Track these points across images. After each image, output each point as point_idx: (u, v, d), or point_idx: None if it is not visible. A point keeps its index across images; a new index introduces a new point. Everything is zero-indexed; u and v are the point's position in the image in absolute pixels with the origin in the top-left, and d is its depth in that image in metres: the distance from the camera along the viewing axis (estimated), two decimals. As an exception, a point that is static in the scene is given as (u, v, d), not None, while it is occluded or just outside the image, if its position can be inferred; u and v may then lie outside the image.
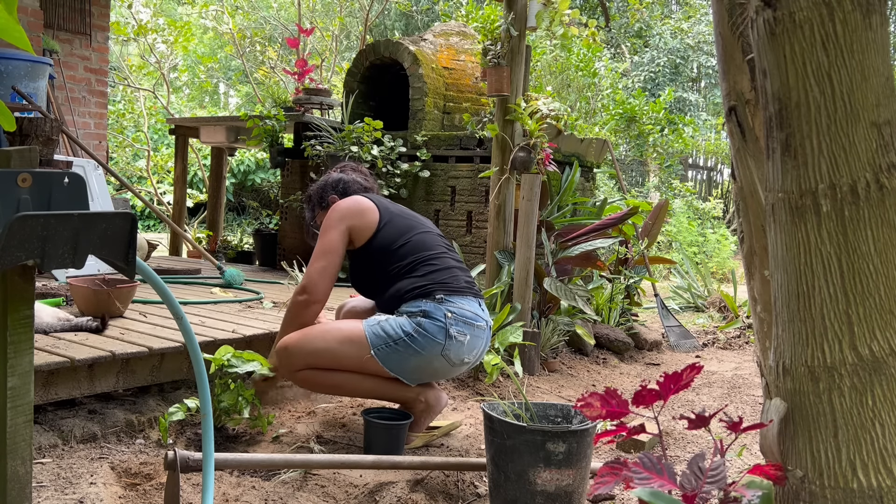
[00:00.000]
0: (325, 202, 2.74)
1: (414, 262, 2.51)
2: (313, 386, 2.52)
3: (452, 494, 2.13)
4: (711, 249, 9.53)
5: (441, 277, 2.49)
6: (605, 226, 4.25)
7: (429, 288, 2.45)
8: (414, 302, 2.44)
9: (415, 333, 2.37)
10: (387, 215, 2.58)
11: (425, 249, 2.55)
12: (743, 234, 1.50)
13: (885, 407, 1.17)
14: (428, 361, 2.40)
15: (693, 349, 4.83)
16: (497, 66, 3.88)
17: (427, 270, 2.50)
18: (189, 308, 3.45)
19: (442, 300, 2.43)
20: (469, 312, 2.46)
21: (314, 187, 2.80)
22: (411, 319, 2.40)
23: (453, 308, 2.43)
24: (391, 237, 2.54)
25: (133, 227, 1.19)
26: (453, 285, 2.49)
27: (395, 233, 2.55)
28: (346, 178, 2.77)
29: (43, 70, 4.64)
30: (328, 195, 2.74)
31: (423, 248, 2.55)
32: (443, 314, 2.40)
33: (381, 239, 2.54)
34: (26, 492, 1.20)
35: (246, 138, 6.10)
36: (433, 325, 2.39)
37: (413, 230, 2.59)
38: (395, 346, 2.38)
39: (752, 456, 2.59)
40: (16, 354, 1.17)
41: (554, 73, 8.81)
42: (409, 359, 2.39)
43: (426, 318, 2.39)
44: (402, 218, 2.62)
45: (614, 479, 1.27)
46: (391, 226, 2.56)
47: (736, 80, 1.46)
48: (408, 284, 2.48)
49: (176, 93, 15.06)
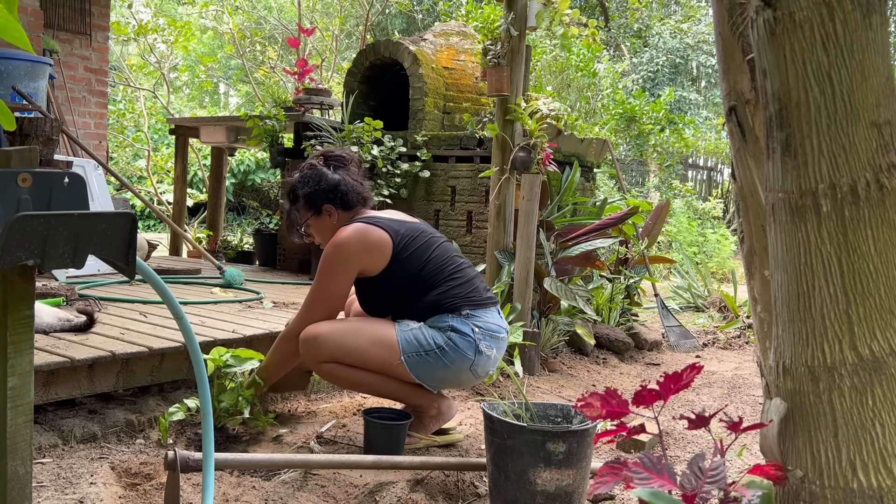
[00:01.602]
0: (317, 208, 2.49)
1: (434, 280, 2.43)
2: (336, 379, 2.49)
3: (452, 494, 2.13)
4: (711, 249, 9.53)
5: (464, 292, 2.44)
6: (605, 226, 4.25)
7: (454, 304, 2.41)
8: (440, 317, 2.40)
9: (446, 347, 2.35)
10: (398, 240, 2.41)
11: (444, 265, 2.46)
12: (743, 234, 1.50)
13: (885, 407, 1.17)
14: (455, 374, 2.40)
15: (693, 349, 4.83)
16: (497, 66, 3.88)
17: (450, 286, 2.43)
18: (189, 308, 3.45)
19: (468, 315, 2.41)
20: (494, 325, 2.45)
21: (302, 185, 2.49)
22: (442, 333, 2.37)
23: (479, 322, 2.41)
24: (409, 263, 2.41)
25: (133, 227, 1.19)
26: (476, 298, 2.45)
27: (412, 258, 2.42)
28: (343, 184, 2.48)
29: (43, 70, 4.64)
30: (322, 203, 2.48)
31: (441, 263, 2.46)
32: (470, 329, 2.38)
33: (398, 267, 2.41)
34: (26, 492, 1.20)
35: (246, 138, 6.10)
36: (463, 340, 2.37)
37: (429, 248, 2.46)
38: (425, 356, 2.36)
39: (752, 456, 2.59)
40: (16, 354, 1.17)
41: (554, 73, 8.81)
42: (438, 370, 2.38)
43: (455, 333, 2.37)
44: (412, 237, 2.45)
45: (614, 479, 1.27)
46: (406, 250, 2.41)
47: (736, 80, 1.46)
48: (431, 301, 2.42)
49: (176, 93, 15.06)
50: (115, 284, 4.02)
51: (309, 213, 2.51)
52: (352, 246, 2.37)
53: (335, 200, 2.48)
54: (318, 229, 2.55)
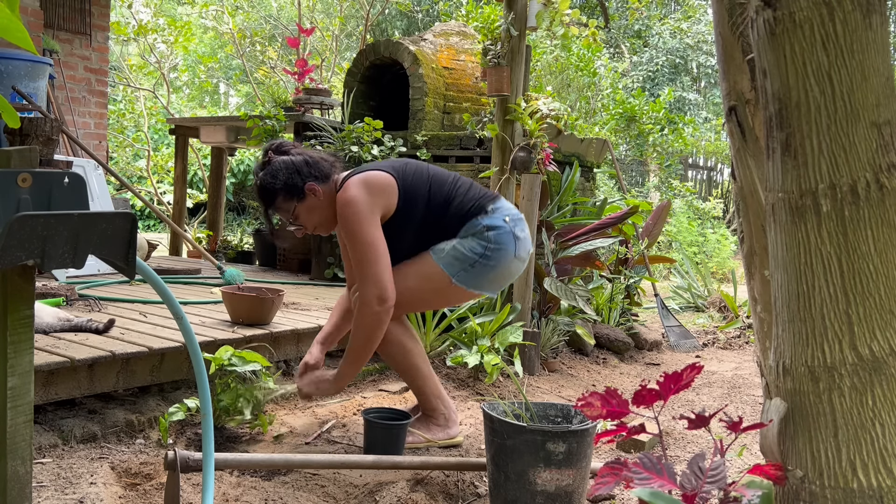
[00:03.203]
0: (300, 192, 2.38)
1: (446, 196, 2.47)
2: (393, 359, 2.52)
3: (452, 494, 2.13)
4: (711, 249, 9.53)
5: (476, 194, 2.50)
6: (605, 225, 4.25)
7: (476, 205, 2.46)
8: (471, 224, 2.44)
9: (487, 252, 2.40)
10: (396, 174, 2.42)
11: (444, 179, 2.50)
12: (743, 234, 1.50)
13: (885, 407, 1.17)
14: (506, 268, 2.46)
15: (693, 349, 4.83)
16: (497, 66, 3.88)
17: (461, 194, 2.48)
18: (189, 308, 3.45)
19: (493, 210, 2.46)
20: (515, 211, 2.52)
21: (274, 179, 2.38)
22: (479, 240, 2.41)
23: (506, 212, 2.47)
24: (417, 190, 2.43)
25: (133, 227, 1.19)
26: (488, 195, 2.52)
27: (416, 184, 2.44)
28: (309, 158, 2.43)
29: (43, 70, 4.64)
30: (304, 183, 2.38)
31: (442, 179, 2.50)
32: (502, 220, 2.44)
33: (410, 198, 2.42)
34: (26, 492, 1.20)
35: (246, 138, 6.10)
36: (499, 234, 2.42)
37: (423, 171, 2.50)
38: (471, 268, 2.41)
39: (752, 456, 2.59)
40: (16, 354, 1.17)
41: (554, 73, 8.82)
42: (489, 273, 2.43)
43: (492, 231, 2.42)
44: (404, 168, 2.47)
45: (614, 479, 1.27)
46: (407, 180, 2.43)
47: (736, 80, 1.46)
48: (454, 215, 2.45)
49: (176, 93, 15.06)
50: (115, 284, 4.02)
51: (293, 202, 2.40)
52: (362, 195, 2.32)
53: (313, 175, 2.39)
54: (308, 213, 2.43)
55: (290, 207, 2.41)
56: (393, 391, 3.14)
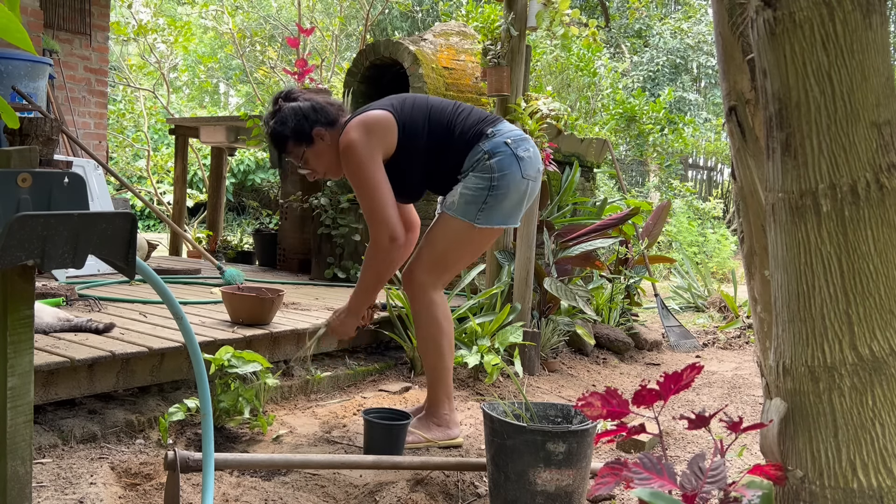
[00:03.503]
0: (308, 137, 2.42)
1: (447, 123, 2.48)
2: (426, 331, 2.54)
3: (452, 494, 2.13)
4: (711, 249, 9.53)
5: (476, 118, 2.50)
6: (605, 226, 4.25)
7: (476, 130, 2.46)
8: (473, 152, 2.44)
9: (493, 182, 2.40)
10: (393, 109, 2.44)
11: (444, 108, 2.51)
12: (743, 234, 1.50)
13: (885, 407, 1.17)
14: (517, 191, 2.45)
15: (693, 349, 4.83)
16: (497, 66, 3.88)
17: (461, 120, 2.48)
18: (189, 308, 3.45)
19: (493, 133, 2.45)
20: (517, 132, 2.50)
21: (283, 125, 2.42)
22: (481, 173, 2.41)
23: (506, 135, 2.45)
24: (416, 122, 2.44)
25: (133, 227, 1.19)
26: (489, 118, 2.51)
27: (414, 116, 2.45)
28: (315, 104, 2.44)
29: (43, 70, 4.64)
30: (310, 129, 2.42)
31: (441, 108, 2.51)
32: (503, 143, 2.43)
33: (410, 131, 2.43)
34: (26, 492, 1.20)
35: (246, 138, 6.09)
36: (501, 160, 2.41)
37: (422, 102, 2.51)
38: (486, 205, 2.41)
39: (752, 456, 2.59)
40: (16, 354, 1.17)
41: (554, 73, 8.82)
42: (504, 202, 2.43)
43: (493, 158, 2.41)
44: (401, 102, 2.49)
45: (614, 479, 1.27)
46: (405, 113, 2.44)
47: (736, 80, 1.46)
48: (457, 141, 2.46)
49: (176, 93, 15.06)
50: (115, 284, 4.02)
51: (302, 147, 2.45)
52: (360, 137, 2.36)
53: (320, 121, 2.43)
54: (317, 158, 2.48)
55: (299, 153, 2.46)
56: (393, 391, 3.14)
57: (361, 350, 3.58)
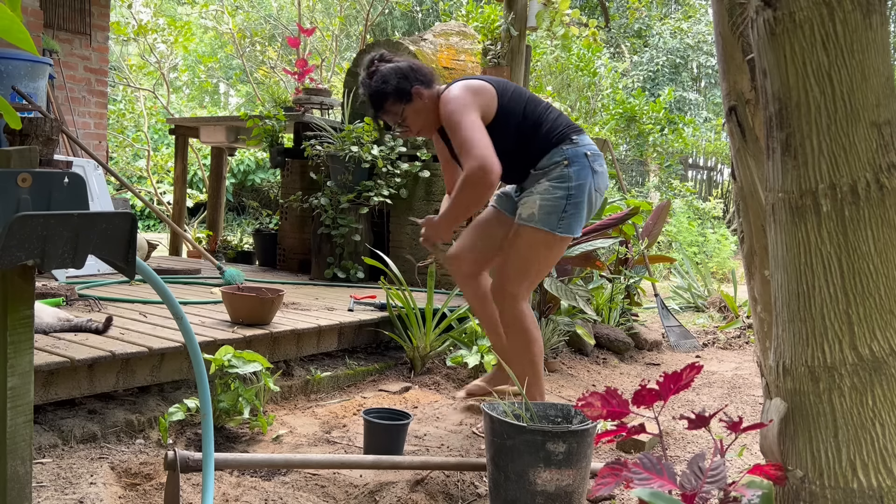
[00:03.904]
0: (407, 94, 2.55)
1: (538, 117, 2.59)
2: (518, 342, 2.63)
3: (452, 494, 2.13)
4: (711, 249, 9.53)
5: (564, 122, 2.62)
6: (605, 226, 4.24)
7: (561, 133, 2.57)
8: (553, 153, 2.55)
9: (570, 191, 2.52)
10: (496, 86, 2.56)
11: (537, 102, 2.62)
12: (743, 234, 1.50)
13: (885, 407, 1.17)
14: (588, 201, 2.58)
15: (693, 349, 4.83)
16: (497, 66, 3.88)
17: (551, 118, 2.59)
18: (189, 308, 3.45)
19: (576, 142, 2.56)
20: (594, 147, 2.62)
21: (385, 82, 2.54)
22: (557, 182, 2.52)
23: (586, 147, 2.58)
24: (514, 105, 2.56)
25: (133, 226, 1.19)
26: (573, 126, 2.62)
27: (514, 101, 2.56)
28: (413, 64, 2.60)
29: (43, 70, 4.64)
30: (410, 86, 2.55)
31: (535, 102, 2.62)
32: (583, 154, 2.56)
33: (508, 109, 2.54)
34: (26, 492, 1.20)
35: (246, 138, 6.10)
36: (579, 170, 2.53)
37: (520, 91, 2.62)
38: (565, 213, 2.53)
39: (752, 456, 2.59)
40: (16, 354, 1.17)
41: (554, 73, 8.82)
42: (580, 210, 2.55)
43: (572, 166, 2.53)
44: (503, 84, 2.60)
45: (615, 479, 1.28)
46: (505, 95, 2.56)
47: (736, 80, 1.46)
48: (543, 135, 2.56)
49: (176, 93, 15.06)
50: (115, 284, 4.02)
51: (402, 104, 2.57)
52: (462, 93, 2.48)
53: (419, 79, 2.56)
54: (415, 115, 2.60)
55: (398, 110, 2.58)
56: (393, 391, 3.14)
57: (361, 350, 3.58)
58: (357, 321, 3.43)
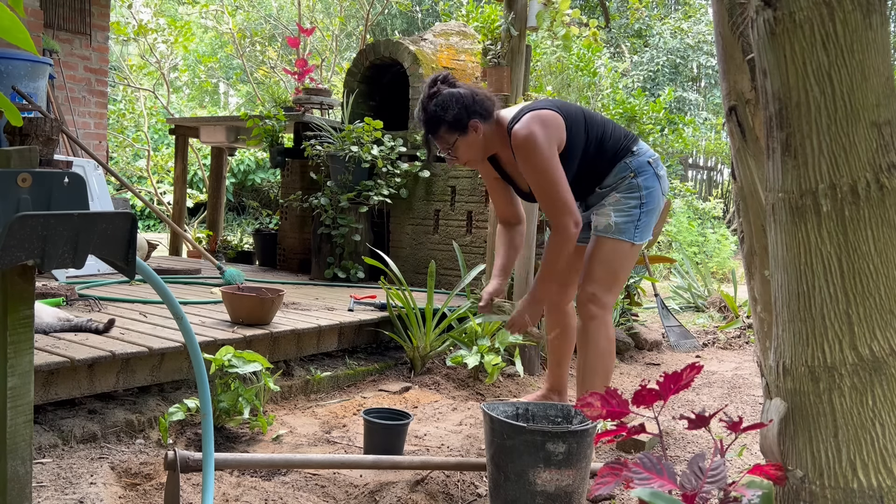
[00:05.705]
0: (463, 126, 2.46)
1: (601, 133, 2.62)
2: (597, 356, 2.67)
3: (452, 494, 2.13)
4: (711, 249, 9.52)
5: (622, 133, 2.70)
6: (605, 226, 4.24)
7: (625, 145, 2.62)
8: (620, 167, 2.61)
9: (642, 200, 2.60)
10: (559, 111, 2.55)
11: (595, 117, 2.64)
12: (743, 234, 1.50)
13: (885, 407, 1.17)
14: (658, 207, 2.68)
15: (693, 349, 4.83)
16: (497, 66, 3.88)
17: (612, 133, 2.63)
18: (189, 308, 3.45)
19: (638, 152, 2.62)
20: (652, 151, 2.72)
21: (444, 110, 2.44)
22: (629, 193, 2.59)
23: (647, 156, 2.67)
24: (577, 127, 2.56)
25: (133, 226, 1.19)
26: (631, 136, 2.69)
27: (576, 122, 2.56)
28: (475, 93, 2.50)
29: (43, 70, 4.64)
30: (469, 119, 2.46)
31: (594, 117, 2.64)
32: (646, 161, 2.63)
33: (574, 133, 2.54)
34: (26, 492, 1.20)
35: (246, 138, 6.10)
36: (647, 178, 2.61)
37: (579, 109, 2.65)
38: (640, 222, 2.62)
39: (752, 456, 2.59)
40: (16, 354, 1.17)
41: (554, 73, 8.81)
42: (651, 218, 2.66)
43: (639, 177, 2.60)
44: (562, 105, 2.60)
45: (615, 479, 1.27)
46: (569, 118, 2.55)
47: (736, 80, 1.46)
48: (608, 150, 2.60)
49: (176, 93, 15.06)
50: (115, 284, 4.02)
51: (455, 135, 2.49)
52: (539, 130, 2.44)
53: (478, 112, 2.48)
54: (467, 148, 2.53)
55: (451, 139, 2.50)
56: (393, 391, 3.14)
57: (361, 350, 3.58)
58: (357, 321, 3.43)
